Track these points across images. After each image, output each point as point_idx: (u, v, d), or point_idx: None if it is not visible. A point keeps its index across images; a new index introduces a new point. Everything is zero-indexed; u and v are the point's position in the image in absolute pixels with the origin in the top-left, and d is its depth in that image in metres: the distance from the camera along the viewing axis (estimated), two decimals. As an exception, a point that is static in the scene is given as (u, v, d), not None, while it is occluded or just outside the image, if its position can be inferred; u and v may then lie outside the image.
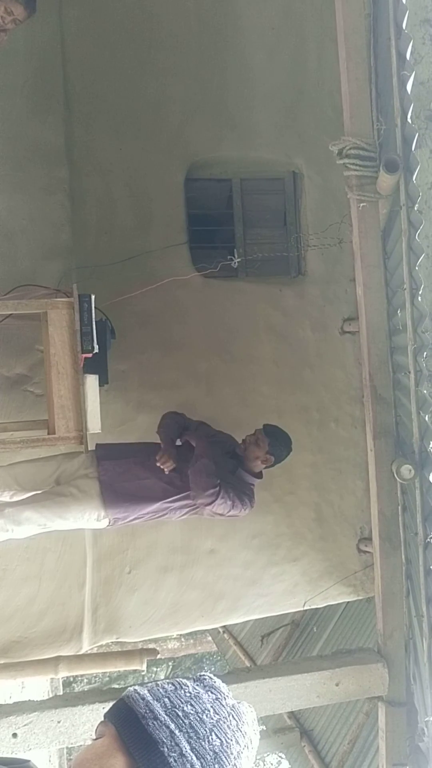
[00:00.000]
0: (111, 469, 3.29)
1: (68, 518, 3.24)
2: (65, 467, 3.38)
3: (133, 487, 3.27)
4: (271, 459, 3.41)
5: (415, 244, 3.04)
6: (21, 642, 3.97)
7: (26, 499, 3.28)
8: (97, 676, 13.20)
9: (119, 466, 3.32)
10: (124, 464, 3.33)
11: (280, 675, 3.45)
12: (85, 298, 3.13)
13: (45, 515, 3.19)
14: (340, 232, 3.98)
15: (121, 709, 0.91)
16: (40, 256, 3.96)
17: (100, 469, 3.29)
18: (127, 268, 3.98)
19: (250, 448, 3.39)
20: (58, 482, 3.35)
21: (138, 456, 3.38)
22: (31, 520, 3.18)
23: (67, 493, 3.24)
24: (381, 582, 3.53)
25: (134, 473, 3.30)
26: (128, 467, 3.32)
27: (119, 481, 3.27)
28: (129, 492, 3.26)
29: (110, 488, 3.25)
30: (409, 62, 2.94)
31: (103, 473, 3.28)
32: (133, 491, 3.27)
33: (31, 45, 3.98)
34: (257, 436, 3.40)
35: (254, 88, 4.36)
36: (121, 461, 3.34)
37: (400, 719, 3.55)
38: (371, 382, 3.40)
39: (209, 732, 0.89)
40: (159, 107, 4.21)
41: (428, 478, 3.13)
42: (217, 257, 3.99)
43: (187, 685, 0.96)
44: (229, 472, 3.37)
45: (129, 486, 3.27)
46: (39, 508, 3.19)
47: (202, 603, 4.27)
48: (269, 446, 3.37)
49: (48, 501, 3.22)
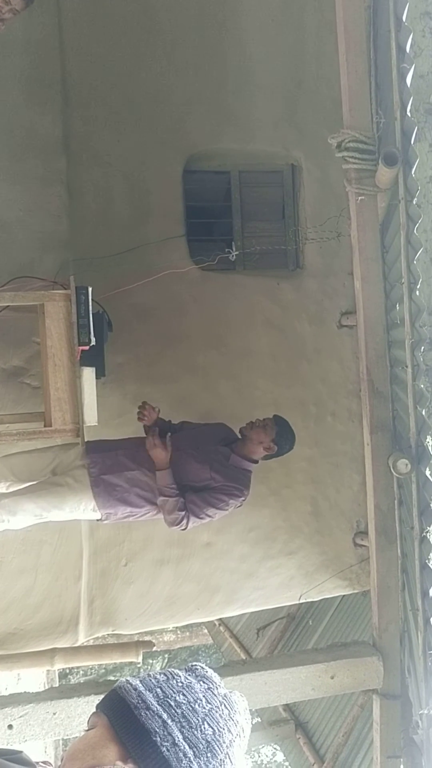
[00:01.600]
0: (100, 462, 3.28)
1: (64, 508, 3.23)
2: (61, 458, 3.37)
3: (121, 479, 3.26)
4: (273, 448, 3.37)
5: (414, 238, 3.04)
6: (17, 634, 3.98)
7: (22, 490, 3.27)
8: (93, 668, 13.25)
9: (108, 459, 3.30)
10: (112, 456, 3.32)
11: (276, 668, 3.46)
12: (82, 290, 3.12)
13: (41, 505, 3.18)
14: (338, 226, 3.97)
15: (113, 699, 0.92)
16: (37, 247, 3.94)
17: (89, 461, 3.28)
18: (125, 261, 3.97)
19: (257, 431, 3.35)
20: (54, 473, 3.34)
21: (127, 448, 3.37)
22: (27, 510, 3.17)
23: (63, 483, 3.23)
24: (376, 576, 3.55)
25: (123, 465, 3.29)
26: (117, 459, 3.31)
27: (108, 473, 3.26)
28: (117, 484, 3.25)
29: (99, 480, 3.24)
30: (408, 55, 2.94)
31: (92, 465, 3.27)
32: (122, 483, 3.26)
33: (28, 35, 3.96)
34: (267, 422, 3.38)
35: (253, 80, 4.34)
36: (110, 453, 3.33)
37: (394, 712, 3.57)
38: (368, 376, 3.40)
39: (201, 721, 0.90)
40: (158, 98, 4.19)
41: (424, 473, 3.13)
42: (215, 250, 3.98)
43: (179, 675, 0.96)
44: (224, 460, 3.34)
45: (117, 478, 3.26)
46: (35, 498, 3.19)
47: (198, 596, 4.28)
48: (276, 435, 3.35)
49: (44, 491, 3.21)
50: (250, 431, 3.37)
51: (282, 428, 3.39)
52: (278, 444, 3.37)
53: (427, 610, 3.17)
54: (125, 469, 3.27)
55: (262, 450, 3.37)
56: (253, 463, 3.41)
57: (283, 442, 3.39)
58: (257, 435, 3.35)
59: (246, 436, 3.39)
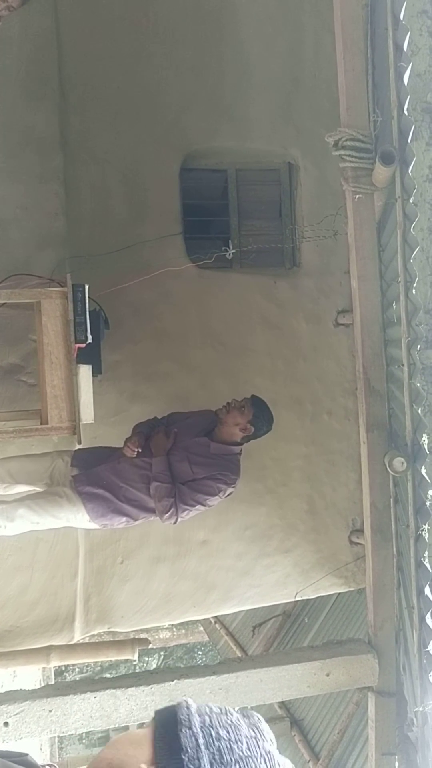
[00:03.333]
0: (85, 480, 3.30)
1: (61, 517, 3.26)
2: (58, 464, 3.39)
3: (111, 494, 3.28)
4: (250, 429, 3.31)
5: (410, 237, 3.04)
6: (13, 631, 3.98)
7: (21, 497, 3.30)
8: (89, 666, 13.25)
9: (92, 475, 3.32)
10: (95, 474, 3.33)
11: (271, 665, 3.46)
12: (78, 288, 3.12)
13: (38, 513, 3.21)
14: (335, 224, 3.97)
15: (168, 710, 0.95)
16: (33, 245, 3.94)
17: (76, 482, 3.30)
18: (122, 258, 3.96)
19: (233, 413, 3.29)
20: (52, 478, 3.37)
21: (108, 461, 3.38)
22: (24, 517, 3.20)
23: (61, 494, 3.26)
24: (372, 573, 3.55)
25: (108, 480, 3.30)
26: (100, 475, 3.32)
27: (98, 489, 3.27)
28: (108, 499, 3.27)
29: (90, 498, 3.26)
30: (406, 53, 2.94)
31: (79, 485, 3.29)
32: (112, 498, 3.27)
33: (25, 32, 3.94)
34: (243, 403, 3.32)
35: (251, 78, 4.34)
36: (93, 471, 3.34)
37: (389, 709, 3.58)
38: (365, 374, 3.40)
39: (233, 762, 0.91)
40: (155, 96, 4.18)
41: (420, 471, 3.14)
42: (212, 248, 3.98)
43: (232, 714, 0.99)
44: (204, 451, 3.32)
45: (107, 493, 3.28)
46: (33, 506, 3.21)
47: (194, 593, 4.28)
48: (253, 416, 3.30)
49: (42, 500, 3.25)
50: (226, 415, 3.32)
51: (259, 409, 3.33)
52: (255, 425, 3.32)
53: (423, 608, 3.18)
54: (111, 483, 3.29)
55: (239, 431, 3.31)
56: (237, 446, 3.36)
57: (260, 423, 3.33)
58: (233, 417, 3.30)
59: (221, 420, 3.34)
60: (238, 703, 3.54)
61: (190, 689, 3.29)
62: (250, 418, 3.30)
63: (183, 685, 3.28)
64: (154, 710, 0.97)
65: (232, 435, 3.33)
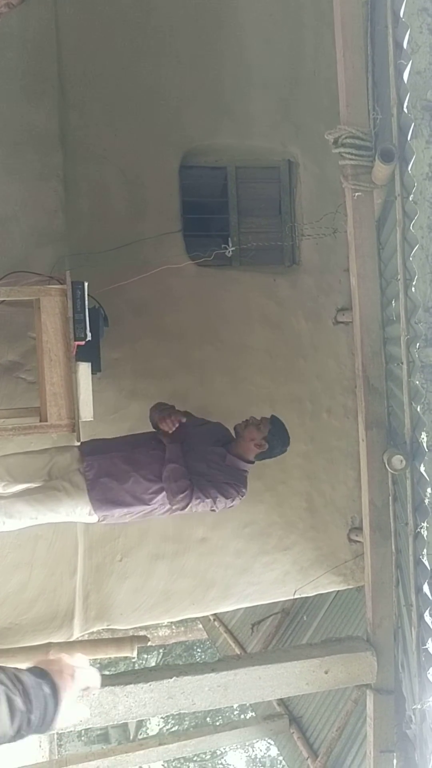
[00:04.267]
0: (96, 466, 3.29)
1: (60, 512, 3.24)
2: (57, 460, 3.38)
3: (117, 482, 3.27)
4: (265, 446, 3.38)
5: (410, 235, 3.04)
6: (12, 629, 3.98)
7: (19, 493, 3.29)
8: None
9: (104, 461, 3.31)
10: (108, 459, 3.32)
11: (270, 663, 3.46)
12: (78, 286, 3.12)
13: (37, 508, 3.20)
14: (334, 222, 3.97)
15: None
16: (33, 242, 3.93)
17: (85, 465, 3.29)
18: (121, 256, 3.96)
19: (250, 428, 3.38)
20: (50, 475, 3.35)
21: (123, 450, 3.38)
22: (23, 512, 3.18)
23: (60, 488, 3.25)
24: (371, 571, 3.55)
25: (119, 468, 3.29)
26: (112, 461, 3.31)
27: (104, 476, 3.26)
28: (114, 488, 3.26)
29: (95, 484, 3.25)
30: (406, 51, 2.93)
31: (87, 469, 3.28)
32: (118, 486, 3.27)
33: (25, 29, 3.94)
34: (262, 421, 3.40)
35: (250, 76, 4.33)
36: (106, 456, 3.33)
37: (388, 707, 3.58)
38: (364, 372, 3.40)
39: None
40: (154, 93, 4.18)
41: (419, 469, 3.14)
42: (211, 246, 3.98)
43: None
44: (219, 460, 3.37)
45: (113, 482, 3.27)
46: (31, 502, 3.20)
47: (193, 591, 4.29)
48: (269, 433, 3.37)
49: (40, 495, 3.23)
50: (244, 429, 3.40)
51: (276, 428, 3.41)
52: (270, 442, 3.38)
53: (421, 605, 3.18)
54: (121, 471, 3.28)
55: (254, 447, 3.38)
56: (249, 463, 3.44)
57: (275, 441, 3.40)
58: (249, 432, 3.38)
59: (239, 434, 3.42)
60: (237, 701, 3.55)
61: (189, 687, 3.29)
62: (266, 435, 3.37)
63: (181, 682, 3.29)
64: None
65: (247, 450, 3.41)
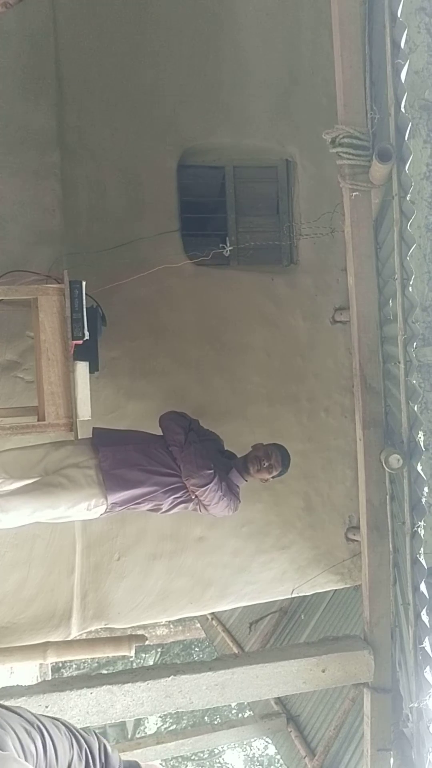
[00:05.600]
0: (111, 456, 3.31)
1: (58, 507, 3.23)
2: (53, 455, 3.37)
3: (132, 473, 3.30)
4: (269, 481, 3.60)
5: (407, 234, 3.05)
6: (10, 627, 3.98)
7: (15, 489, 3.27)
8: (85, 662, 13.27)
9: (119, 453, 3.33)
10: (123, 451, 3.35)
11: (268, 661, 3.47)
12: (75, 285, 3.12)
13: (33, 505, 3.18)
14: (332, 222, 3.97)
15: None
16: (30, 241, 3.93)
17: (100, 456, 3.31)
18: (119, 255, 3.96)
19: (263, 473, 3.48)
20: (46, 471, 3.33)
21: (138, 443, 3.41)
22: (19, 509, 3.17)
23: (56, 483, 3.24)
24: (368, 570, 3.56)
25: (134, 460, 3.32)
26: (128, 454, 3.34)
27: (119, 467, 3.29)
28: (128, 479, 3.29)
29: (109, 475, 3.26)
30: (403, 51, 2.94)
31: (103, 460, 3.29)
32: (133, 477, 3.29)
33: (22, 28, 3.93)
34: (272, 462, 3.47)
35: (248, 75, 4.33)
36: (120, 447, 3.36)
37: (385, 705, 3.59)
38: (361, 371, 3.41)
39: None
40: (152, 92, 4.17)
41: (416, 468, 3.15)
42: (209, 245, 3.97)
43: None
44: (224, 470, 3.43)
45: (128, 472, 3.29)
46: (28, 498, 3.19)
47: (191, 590, 4.29)
48: (278, 474, 3.52)
49: (37, 491, 3.22)
50: (256, 472, 3.48)
51: (285, 467, 3.54)
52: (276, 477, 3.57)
53: (418, 604, 3.19)
54: (136, 464, 3.33)
55: (259, 480, 3.56)
56: (245, 480, 3.55)
57: (279, 474, 3.56)
58: (261, 474, 3.49)
59: (250, 473, 3.49)
60: (235, 699, 3.56)
61: (187, 685, 3.30)
62: (275, 475, 3.52)
63: (179, 681, 3.29)
64: None
65: (252, 479, 3.55)
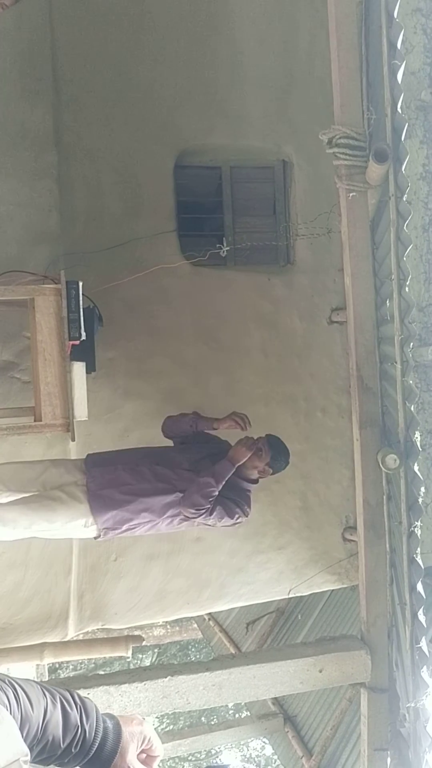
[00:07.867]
0: (98, 476, 3.25)
1: (55, 522, 3.17)
2: (52, 471, 3.33)
3: (120, 493, 3.23)
4: (269, 471, 3.42)
5: (404, 235, 3.05)
6: (6, 628, 3.98)
7: (13, 501, 3.24)
8: (82, 663, 13.24)
9: (107, 473, 3.28)
10: (112, 471, 3.29)
11: (265, 661, 3.47)
12: (72, 285, 3.11)
13: (31, 517, 3.14)
14: (329, 222, 3.97)
15: None
16: (27, 241, 3.93)
17: (87, 477, 3.26)
18: (116, 255, 3.96)
19: (252, 458, 3.35)
20: (44, 485, 3.30)
21: (126, 462, 3.35)
22: (16, 521, 3.12)
23: (55, 497, 3.19)
24: (365, 570, 3.56)
25: (122, 480, 3.26)
26: (116, 474, 3.28)
27: (107, 488, 3.22)
28: (116, 499, 3.22)
29: (96, 496, 3.20)
30: (400, 51, 2.94)
31: (90, 480, 3.24)
32: (121, 498, 3.23)
33: (19, 29, 3.93)
34: (260, 446, 3.35)
35: (245, 75, 4.33)
36: (109, 468, 3.30)
37: (382, 705, 3.60)
38: (358, 372, 3.41)
39: None
40: (149, 93, 4.18)
41: (413, 468, 3.15)
42: (206, 245, 3.98)
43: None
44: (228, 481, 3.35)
45: (116, 492, 3.22)
46: (25, 510, 3.14)
47: (188, 590, 4.29)
48: (271, 459, 3.37)
49: (35, 504, 3.17)
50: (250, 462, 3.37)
51: (276, 450, 3.40)
52: (273, 467, 3.41)
53: (415, 604, 3.19)
54: (124, 484, 3.25)
55: (257, 473, 3.41)
56: (253, 483, 3.45)
57: (277, 464, 3.42)
58: (251, 461, 3.35)
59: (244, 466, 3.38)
60: (232, 699, 3.56)
61: (184, 686, 3.29)
62: (268, 461, 3.38)
63: (176, 681, 3.29)
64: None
65: (251, 474, 3.42)
